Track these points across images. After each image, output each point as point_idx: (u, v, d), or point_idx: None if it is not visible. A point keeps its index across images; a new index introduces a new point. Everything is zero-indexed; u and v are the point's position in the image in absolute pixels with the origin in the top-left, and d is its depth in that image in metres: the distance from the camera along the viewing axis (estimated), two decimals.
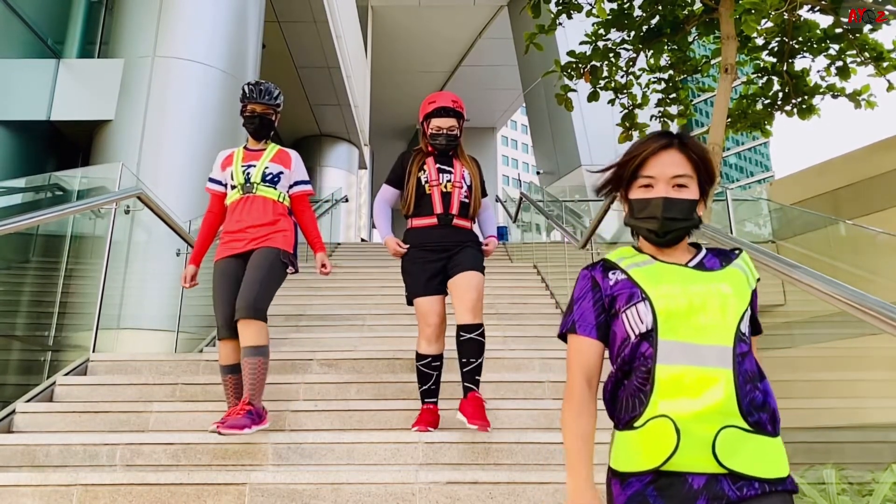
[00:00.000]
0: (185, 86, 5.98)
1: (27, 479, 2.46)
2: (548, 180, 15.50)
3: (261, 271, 2.92)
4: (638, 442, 1.22)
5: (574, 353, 1.34)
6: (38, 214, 3.60)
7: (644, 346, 1.25)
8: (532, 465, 2.82)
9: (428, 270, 2.98)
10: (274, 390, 3.49)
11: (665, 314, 1.24)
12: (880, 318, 1.86)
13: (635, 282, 1.30)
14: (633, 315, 1.27)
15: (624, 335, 1.29)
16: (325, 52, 11.11)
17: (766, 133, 6.75)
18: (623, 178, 1.36)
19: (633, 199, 1.35)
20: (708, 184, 1.36)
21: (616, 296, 1.31)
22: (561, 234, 7.03)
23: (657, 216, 1.30)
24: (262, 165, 3.12)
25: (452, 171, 3.08)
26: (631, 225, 1.38)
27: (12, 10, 5.73)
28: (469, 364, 2.90)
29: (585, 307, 1.35)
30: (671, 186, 1.31)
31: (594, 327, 1.33)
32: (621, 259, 1.38)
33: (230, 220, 3.10)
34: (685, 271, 1.31)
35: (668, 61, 6.54)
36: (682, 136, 1.35)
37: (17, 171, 5.72)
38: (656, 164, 1.32)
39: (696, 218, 1.33)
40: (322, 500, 2.44)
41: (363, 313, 5.45)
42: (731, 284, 1.28)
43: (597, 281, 1.36)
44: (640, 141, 1.37)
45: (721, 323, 1.23)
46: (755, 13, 4.86)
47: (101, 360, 3.95)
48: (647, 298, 1.26)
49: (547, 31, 6.09)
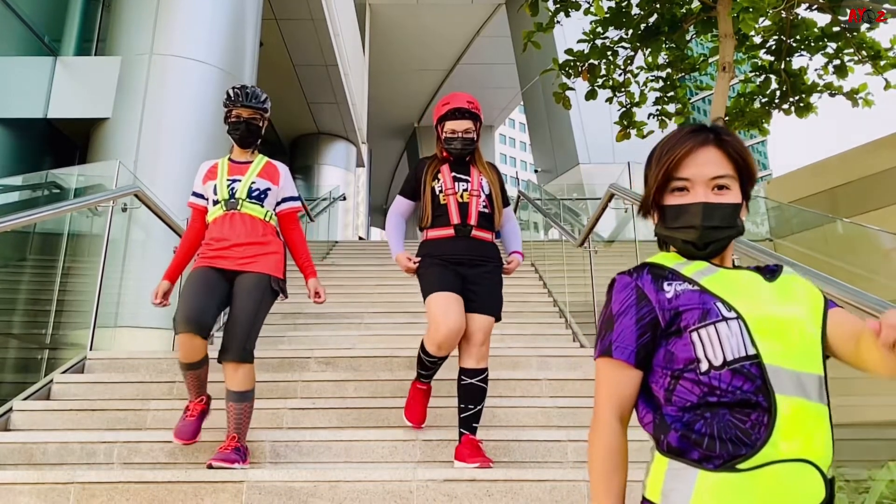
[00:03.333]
0: (183, 84, 5.97)
1: (24, 477, 2.46)
2: (545, 178, 15.49)
3: (252, 304, 2.70)
4: (751, 488, 0.98)
5: (606, 380, 1.12)
6: (35, 212, 3.59)
7: (737, 374, 1.02)
8: (529, 462, 2.82)
9: (446, 273, 2.74)
10: (272, 388, 3.49)
11: (762, 334, 1.04)
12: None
13: (713, 293, 1.07)
14: (711, 335, 1.04)
15: (689, 358, 1.05)
16: (322, 49, 11.09)
17: (763, 131, 6.77)
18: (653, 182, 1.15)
19: (666, 205, 1.15)
20: (749, 184, 1.17)
21: (681, 311, 1.07)
22: (559, 233, 7.04)
23: (696, 225, 1.11)
24: (248, 180, 2.85)
25: (469, 178, 2.85)
26: (663, 235, 1.18)
27: (9, 8, 5.71)
28: (468, 410, 2.71)
29: (626, 325, 1.11)
30: (710, 189, 1.12)
31: (633, 352, 1.10)
32: (679, 265, 1.14)
33: (211, 236, 2.83)
34: (759, 282, 1.11)
35: (665, 59, 6.56)
36: (719, 129, 1.15)
37: (13, 169, 5.71)
38: (692, 163, 1.12)
39: (739, 224, 1.14)
40: (320, 497, 2.44)
41: (361, 311, 5.45)
42: (802, 307, 1.09)
43: (644, 293, 1.11)
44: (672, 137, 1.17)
45: (803, 349, 1.05)
46: (753, 11, 4.88)
47: (99, 358, 3.95)
48: (738, 316, 1.04)
49: (545, 29, 6.09)
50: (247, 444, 2.77)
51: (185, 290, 2.70)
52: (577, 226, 8.33)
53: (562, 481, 2.46)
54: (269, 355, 3.96)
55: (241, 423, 2.70)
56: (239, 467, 2.59)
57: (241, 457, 2.66)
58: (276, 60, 11.13)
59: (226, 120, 2.90)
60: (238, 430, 2.70)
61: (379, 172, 26.89)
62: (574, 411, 3.24)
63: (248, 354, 2.67)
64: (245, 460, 2.69)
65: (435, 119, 2.90)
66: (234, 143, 2.94)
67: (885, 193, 6.05)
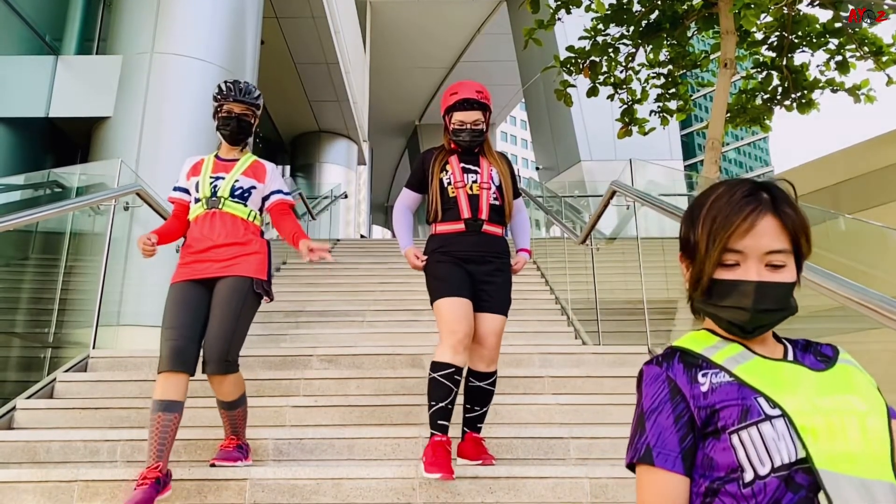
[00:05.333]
0: (184, 82, 5.97)
1: (28, 475, 2.47)
2: (547, 176, 15.48)
3: (232, 312, 2.53)
4: None
5: (652, 492, 0.93)
6: (38, 211, 3.59)
7: (785, 483, 0.86)
8: (532, 459, 2.82)
9: (455, 273, 2.61)
10: (274, 386, 3.50)
11: (812, 436, 0.87)
12: (881, 313, 1.86)
13: (752, 387, 0.92)
14: (754, 438, 0.88)
15: (731, 465, 0.89)
16: (323, 48, 11.09)
17: (765, 128, 6.76)
18: (709, 256, 0.99)
19: (714, 278, 0.99)
20: (804, 257, 1.01)
21: (717, 409, 0.92)
22: (560, 230, 7.04)
23: (747, 307, 0.95)
24: (231, 178, 2.73)
25: (479, 170, 2.74)
26: (704, 310, 1.02)
27: (10, 7, 5.71)
28: (474, 411, 2.69)
29: (664, 425, 0.94)
30: (763, 266, 0.97)
31: (679, 457, 0.93)
32: (709, 350, 0.99)
33: (192, 236, 2.70)
34: (802, 372, 0.96)
35: (667, 56, 6.55)
36: (776, 194, 0.99)
37: (15, 168, 5.71)
38: (748, 234, 0.97)
39: (793, 306, 0.99)
40: (323, 495, 2.45)
41: (363, 309, 5.46)
42: (860, 397, 0.92)
43: (677, 386, 0.96)
44: (725, 201, 0.99)
45: (867, 450, 0.87)
46: (754, 8, 4.87)
47: (101, 356, 3.96)
48: (783, 414, 0.89)
49: (546, 26, 6.08)
50: (247, 441, 2.78)
51: (166, 319, 2.54)
52: (579, 223, 8.33)
53: (564, 478, 2.46)
54: (271, 353, 3.97)
55: (237, 426, 2.69)
56: (242, 464, 2.59)
57: (242, 454, 2.66)
58: (277, 58, 11.12)
59: (215, 115, 2.78)
60: (235, 433, 2.69)
61: (380, 170, 26.90)
62: (576, 408, 3.24)
63: (230, 365, 2.53)
64: (247, 457, 2.69)
65: (442, 109, 2.79)
66: (222, 139, 2.82)
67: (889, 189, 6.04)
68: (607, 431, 2.91)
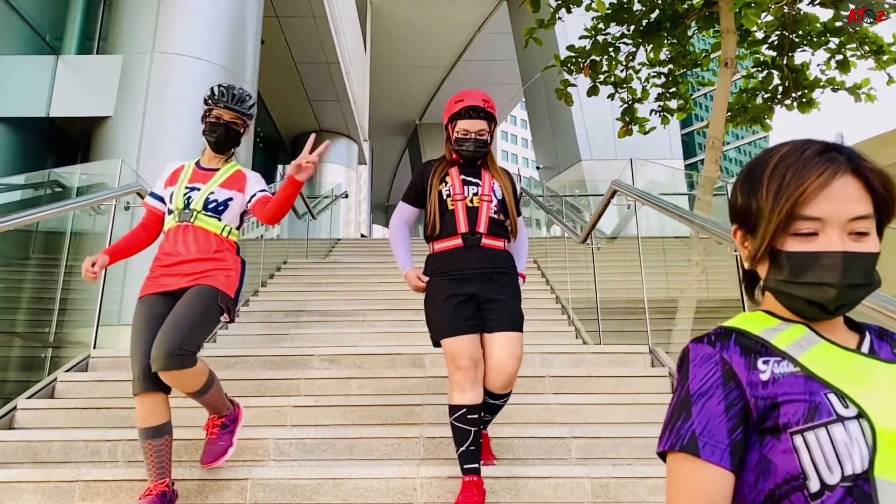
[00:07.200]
0: (185, 82, 5.98)
1: (29, 475, 2.47)
2: (547, 175, 15.48)
3: (190, 311, 2.35)
4: None
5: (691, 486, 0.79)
6: (38, 211, 3.60)
7: (850, 495, 0.73)
8: (533, 459, 2.82)
9: (455, 304, 2.45)
10: (275, 386, 3.50)
11: (890, 443, 0.73)
12: (882, 313, 1.86)
13: (821, 380, 0.78)
14: (823, 442, 0.75)
15: (793, 471, 0.76)
16: (324, 47, 11.09)
17: (766, 127, 6.75)
18: (773, 219, 0.83)
19: (786, 251, 0.83)
20: (886, 222, 0.86)
21: (779, 402, 0.78)
22: (561, 229, 7.04)
23: (834, 283, 0.80)
24: (206, 190, 2.57)
25: (480, 182, 2.59)
26: (778, 290, 0.85)
27: (10, 7, 5.71)
28: (483, 419, 2.56)
29: (713, 412, 0.80)
30: (847, 234, 0.81)
31: (727, 450, 0.79)
32: (769, 332, 0.85)
33: (163, 250, 2.55)
34: (879, 365, 0.82)
35: (667, 55, 6.54)
36: (853, 155, 0.84)
37: (16, 168, 5.72)
38: (826, 198, 0.81)
39: (877, 280, 0.83)
40: (323, 495, 2.45)
41: (364, 309, 5.46)
42: None
43: (733, 370, 0.82)
44: (793, 157, 0.84)
45: None
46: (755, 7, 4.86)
47: (102, 356, 3.96)
48: (858, 415, 0.75)
49: (546, 25, 6.07)
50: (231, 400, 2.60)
51: (133, 332, 2.38)
52: (580, 222, 8.33)
53: (565, 478, 2.46)
54: (272, 353, 3.97)
55: (215, 405, 2.50)
56: (232, 450, 2.50)
57: (230, 431, 2.53)
58: (278, 58, 11.13)
59: (203, 119, 2.62)
60: (215, 411, 2.52)
61: (381, 170, 26.92)
62: (577, 408, 3.24)
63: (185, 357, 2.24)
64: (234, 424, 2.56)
65: (446, 117, 2.64)
66: (207, 145, 2.66)
67: None
68: (608, 431, 2.91)
